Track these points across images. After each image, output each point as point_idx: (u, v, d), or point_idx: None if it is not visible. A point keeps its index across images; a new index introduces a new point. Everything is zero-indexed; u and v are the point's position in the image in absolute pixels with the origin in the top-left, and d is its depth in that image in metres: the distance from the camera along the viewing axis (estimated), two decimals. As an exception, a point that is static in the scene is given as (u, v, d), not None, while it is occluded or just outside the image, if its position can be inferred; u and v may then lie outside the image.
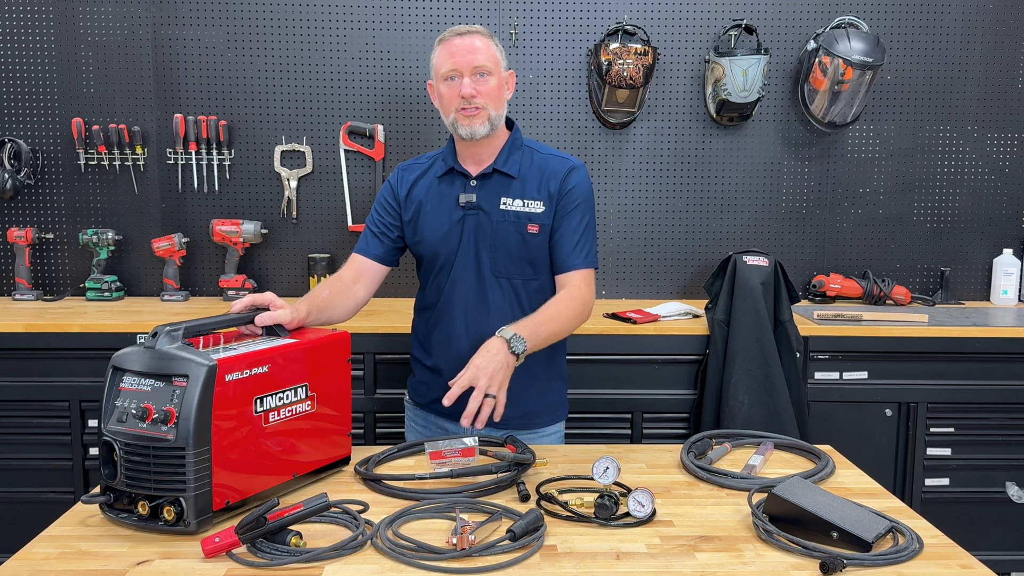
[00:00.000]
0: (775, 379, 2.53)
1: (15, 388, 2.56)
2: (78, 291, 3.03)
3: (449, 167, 1.88)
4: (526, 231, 1.84)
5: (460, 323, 1.87)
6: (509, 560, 1.18)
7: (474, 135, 1.80)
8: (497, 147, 1.87)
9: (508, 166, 1.86)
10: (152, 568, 1.17)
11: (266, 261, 3.08)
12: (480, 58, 1.79)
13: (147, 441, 1.24)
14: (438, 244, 1.87)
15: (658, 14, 3.01)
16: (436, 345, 1.91)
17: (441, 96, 1.84)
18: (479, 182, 1.86)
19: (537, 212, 1.85)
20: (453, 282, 1.87)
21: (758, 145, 3.08)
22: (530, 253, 1.85)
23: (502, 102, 1.84)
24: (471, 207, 1.85)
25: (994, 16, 3.05)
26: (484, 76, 1.80)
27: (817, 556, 1.19)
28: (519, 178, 1.86)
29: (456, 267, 1.86)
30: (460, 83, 1.79)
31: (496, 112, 1.82)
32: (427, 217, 1.88)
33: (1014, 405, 2.67)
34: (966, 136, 3.11)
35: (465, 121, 1.80)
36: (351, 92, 3.02)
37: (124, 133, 2.95)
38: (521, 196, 1.85)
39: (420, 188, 1.91)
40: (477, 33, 1.82)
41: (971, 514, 2.70)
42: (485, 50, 1.81)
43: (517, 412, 1.80)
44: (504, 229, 1.84)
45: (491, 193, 1.85)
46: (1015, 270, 3.08)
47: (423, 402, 1.96)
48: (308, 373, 1.46)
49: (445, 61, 1.81)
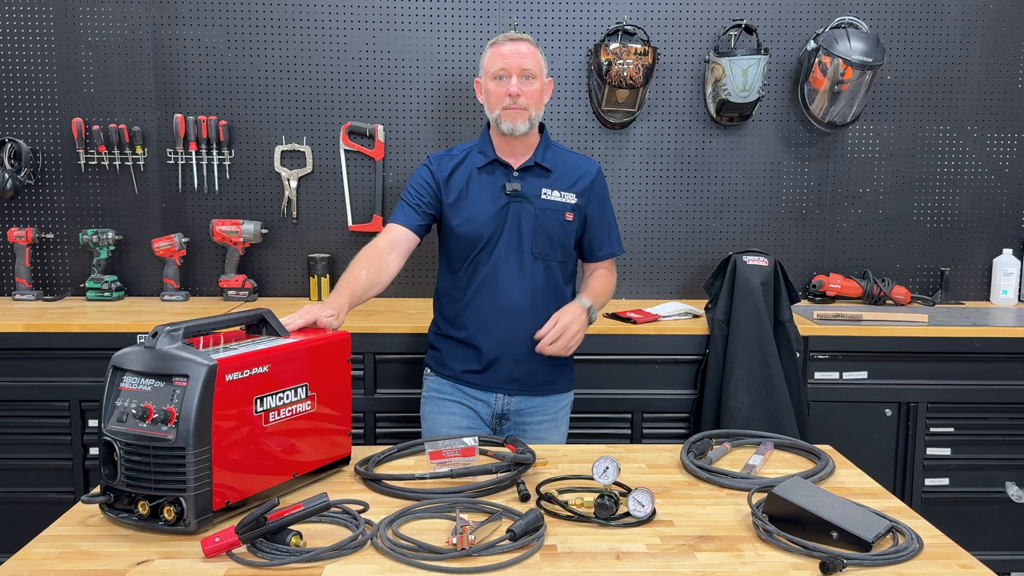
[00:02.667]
0: (775, 379, 2.53)
1: (15, 388, 2.56)
2: (78, 291, 3.03)
3: (491, 159, 2.07)
4: (563, 218, 2.08)
5: (500, 299, 2.05)
6: (509, 560, 1.18)
7: (515, 131, 2.01)
8: (532, 145, 2.10)
9: (546, 160, 2.09)
10: (152, 568, 1.17)
11: (266, 261, 3.08)
12: (528, 62, 2.02)
13: (147, 441, 1.24)
14: (483, 225, 2.04)
15: (658, 14, 3.01)
16: (472, 320, 2.08)
17: (489, 93, 2.05)
18: (521, 173, 2.07)
19: (571, 203, 2.09)
20: (496, 262, 2.05)
21: (758, 145, 3.08)
22: (565, 238, 2.09)
23: (541, 104, 2.07)
24: (516, 195, 2.05)
25: (994, 16, 3.05)
26: (529, 79, 2.02)
27: (817, 556, 1.19)
28: (555, 172, 2.09)
29: (499, 248, 2.05)
30: (508, 82, 2.00)
31: (536, 112, 2.04)
32: (473, 200, 2.06)
33: (1014, 405, 2.67)
34: (966, 136, 3.11)
35: (509, 118, 2.01)
36: (351, 92, 3.02)
37: (124, 133, 2.95)
38: (558, 188, 2.08)
39: (460, 176, 2.09)
40: (526, 41, 2.05)
41: (971, 514, 2.70)
42: (532, 56, 2.03)
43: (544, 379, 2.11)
44: (546, 216, 2.06)
45: (533, 184, 2.07)
46: (1015, 270, 3.08)
47: (453, 374, 2.11)
48: (308, 373, 1.46)
49: (496, 61, 2.02)
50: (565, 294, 2.13)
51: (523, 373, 2.08)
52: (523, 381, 2.09)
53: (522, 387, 2.09)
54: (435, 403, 2.14)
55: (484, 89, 2.08)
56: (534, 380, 2.10)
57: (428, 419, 2.15)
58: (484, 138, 2.12)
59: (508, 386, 2.09)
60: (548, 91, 2.12)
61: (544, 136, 2.12)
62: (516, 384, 2.09)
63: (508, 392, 2.09)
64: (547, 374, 2.11)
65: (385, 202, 3.03)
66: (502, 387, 2.09)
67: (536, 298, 2.06)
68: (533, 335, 2.03)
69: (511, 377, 2.08)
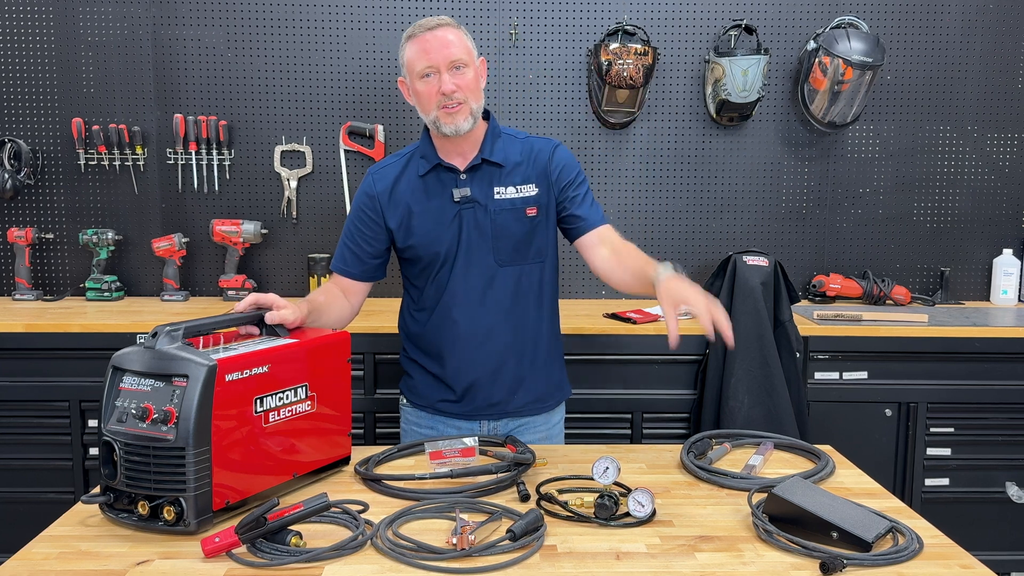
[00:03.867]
0: (775, 379, 2.53)
1: (15, 388, 2.56)
2: (78, 291, 3.03)
3: (434, 164, 1.83)
4: (525, 215, 1.83)
5: (466, 319, 1.84)
6: (509, 560, 1.18)
7: (459, 131, 1.76)
8: (479, 139, 1.84)
9: (495, 155, 1.83)
10: (152, 568, 1.17)
11: (266, 261, 3.08)
12: (455, 51, 1.75)
13: (147, 441, 1.24)
14: (435, 243, 1.82)
15: (658, 14, 3.01)
16: (441, 345, 1.87)
17: (418, 94, 1.79)
18: (469, 175, 1.82)
19: (531, 195, 1.84)
20: (456, 278, 1.83)
21: (758, 145, 3.08)
22: (532, 237, 1.84)
23: (480, 93, 1.80)
24: (466, 201, 1.81)
25: (994, 16, 3.05)
26: (461, 69, 1.75)
27: (817, 556, 1.19)
28: (507, 164, 1.84)
29: (458, 263, 1.83)
30: (439, 79, 1.74)
31: (476, 104, 1.78)
32: (419, 218, 1.83)
33: (1014, 405, 2.67)
34: (966, 136, 3.11)
35: (448, 119, 1.75)
36: (351, 92, 3.02)
37: (124, 133, 2.95)
38: (513, 183, 1.83)
39: (403, 190, 1.85)
40: (447, 25, 1.78)
41: (971, 514, 2.70)
42: (458, 42, 1.76)
43: (530, 397, 1.90)
44: (504, 218, 1.82)
45: (482, 184, 1.82)
46: (1015, 270, 3.08)
47: (429, 403, 1.93)
48: (308, 373, 1.46)
49: (420, 59, 1.76)
50: (544, 298, 1.90)
51: (504, 395, 1.87)
52: (505, 404, 1.88)
53: (504, 410, 1.88)
54: (415, 437, 1.94)
55: (412, 90, 1.81)
56: (517, 402, 1.88)
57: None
58: (425, 140, 1.86)
59: (490, 411, 1.88)
60: (483, 74, 1.84)
61: (491, 125, 1.86)
62: (498, 408, 1.88)
63: (492, 417, 1.89)
64: (531, 393, 1.90)
65: (385, 202, 3.03)
66: (484, 413, 1.88)
67: (509, 311, 1.84)
68: (511, 352, 1.85)
69: (491, 402, 1.87)
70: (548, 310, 1.92)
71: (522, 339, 1.87)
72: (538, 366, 1.90)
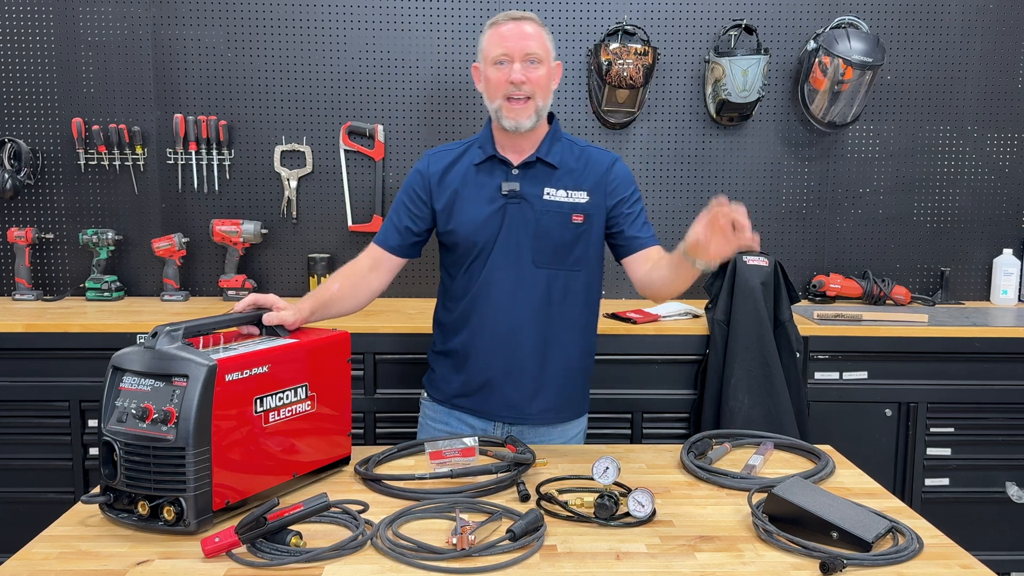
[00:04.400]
0: (775, 379, 2.53)
1: (15, 388, 2.56)
2: (78, 291, 3.03)
3: (489, 155, 1.84)
4: (570, 221, 1.82)
5: (494, 314, 1.83)
6: (509, 560, 1.18)
7: (519, 128, 1.78)
8: (539, 138, 1.85)
9: (551, 156, 1.84)
10: (152, 568, 1.17)
11: (266, 261, 3.08)
12: (532, 44, 1.76)
13: (147, 441, 1.24)
14: (475, 232, 1.82)
15: (658, 14, 3.01)
16: (464, 336, 1.87)
17: (488, 80, 1.80)
18: (521, 171, 1.83)
19: (581, 202, 1.83)
20: (490, 271, 1.82)
21: (758, 145, 3.08)
22: (574, 244, 1.83)
23: (549, 92, 1.82)
24: (513, 196, 1.81)
25: (994, 16, 3.05)
26: (534, 63, 1.77)
27: (817, 556, 1.19)
28: (562, 168, 1.84)
29: (494, 256, 1.82)
30: (510, 68, 1.76)
31: (543, 102, 1.79)
32: (464, 204, 1.83)
33: (1014, 405, 2.67)
34: (966, 136, 3.11)
35: (511, 113, 1.77)
36: (351, 92, 3.01)
37: (124, 133, 2.95)
38: (564, 187, 1.83)
39: (454, 175, 1.86)
40: (530, 20, 1.80)
41: (971, 514, 2.70)
42: (537, 37, 1.78)
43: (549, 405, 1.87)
44: (548, 219, 1.81)
45: (534, 182, 1.82)
46: (1015, 270, 3.08)
47: (445, 398, 1.92)
48: (308, 373, 1.46)
49: (496, 45, 1.78)
50: (577, 308, 1.87)
51: (521, 398, 1.85)
52: (521, 408, 1.85)
53: (520, 415, 1.86)
54: (430, 432, 1.96)
55: (483, 76, 1.83)
56: (534, 408, 1.86)
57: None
58: (485, 132, 1.88)
59: (505, 413, 1.86)
60: (556, 76, 1.86)
61: (553, 127, 1.87)
62: (514, 411, 1.86)
63: (506, 421, 1.87)
64: (550, 401, 1.87)
65: (385, 202, 3.03)
66: (498, 414, 1.87)
67: (538, 315, 1.82)
68: (533, 355, 1.83)
69: (507, 402, 1.85)
70: (580, 322, 1.89)
71: (547, 344, 1.85)
72: (561, 375, 1.88)
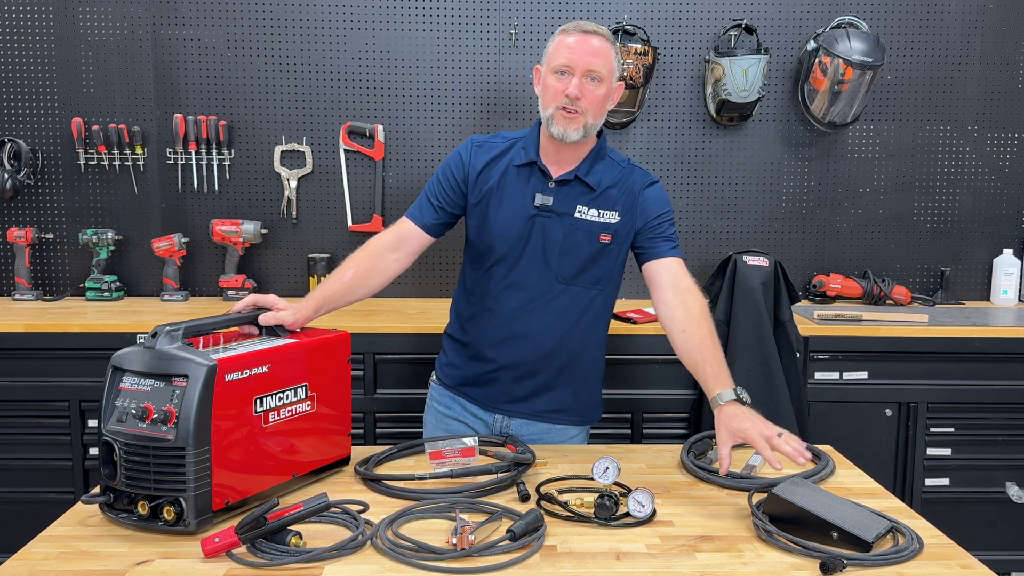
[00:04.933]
0: (775, 379, 2.53)
1: (15, 388, 2.56)
2: (78, 291, 3.03)
3: (531, 159, 1.83)
4: (598, 240, 1.82)
5: (511, 320, 1.84)
6: (509, 560, 1.18)
7: (565, 138, 1.76)
8: (583, 154, 1.83)
9: (590, 176, 1.82)
10: (152, 568, 1.17)
11: (266, 261, 3.08)
12: (597, 62, 1.74)
13: (147, 441, 1.24)
14: (503, 239, 1.82)
15: (658, 14, 3.01)
16: (480, 332, 1.88)
17: (546, 87, 1.78)
18: (558, 186, 1.81)
19: (612, 222, 1.82)
20: (513, 279, 1.83)
21: (758, 145, 3.08)
22: (599, 263, 1.84)
23: (603, 112, 1.81)
24: (545, 210, 1.80)
25: (994, 16, 3.05)
26: (595, 81, 1.75)
27: (817, 556, 1.19)
28: (598, 189, 1.82)
29: (521, 265, 1.83)
30: (569, 81, 1.74)
31: (594, 121, 1.78)
32: (497, 209, 1.83)
33: (1014, 405, 2.67)
34: (966, 136, 3.11)
35: (561, 122, 1.75)
36: (351, 92, 3.01)
37: (124, 133, 2.95)
38: (598, 206, 1.82)
39: (494, 172, 1.85)
40: (601, 36, 1.77)
41: (971, 514, 2.70)
42: (604, 55, 1.76)
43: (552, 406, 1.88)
44: (576, 237, 1.81)
45: (567, 199, 1.81)
46: (1015, 270, 3.08)
47: (453, 383, 1.94)
48: (308, 373, 1.46)
49: (561, 53, 1.75)
50: (594, 325, 1.90)
51: (525, 392, 1.87)
52: (526, 402, 1.88)
53: (524, 410, 1.89)
54: (435, 415, 1.98)
55: (542, 81, 1.80)
56: (538, 404, 1.88)
57: (428, 430, 2.01)
58: (533, 133, 1.86)
59: (508, 406, 1.89)
60: (616, 97, 1.84)
61: (599, 143, 1.85)
62: (517, 405, 1.88)
63: (508, 414, 1.89)
64: (555, 401, 1.89)
65: (385, 202, 3.03)
66: (501, 406, 1.89)
67: (556, 327, 1.84)
68: (544, 363, 1.85)
69: (512, 396, 1.88)
70: (595, 336, 1.92)
71: (562, 354, 1.86)
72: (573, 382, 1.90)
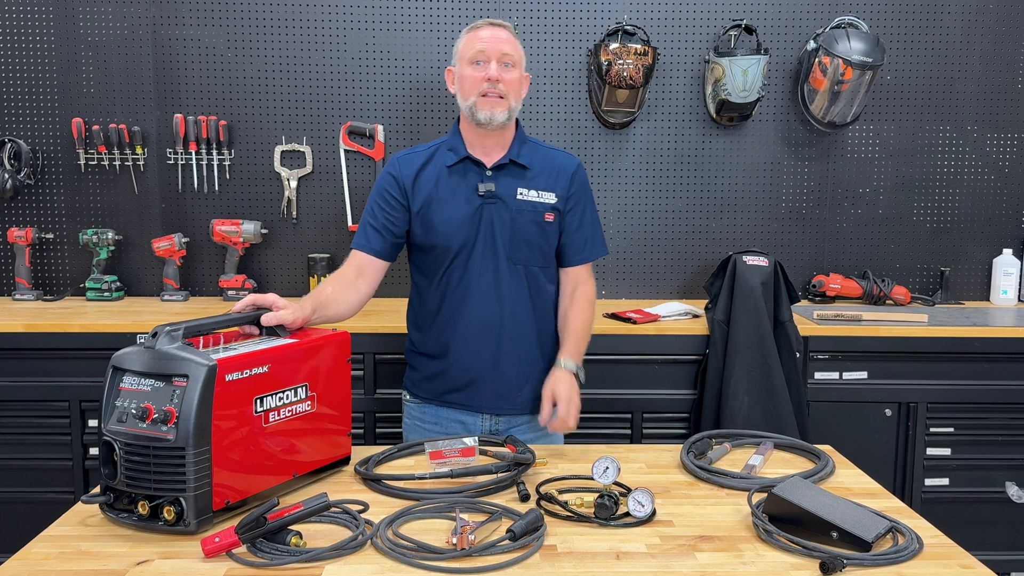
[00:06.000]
0: (775, 379, 2.53)
1: (15, 388, 2.56)
2: (78, 291, 3.03)
3: (462, 156, 1.90)
4: (543, 220, 1.92)
5: (478, 310, 1.90)
6: (509, 560, 1.18)
7: (492, 120, 1.84)
8: (508, 140, 1.93)
9: (521, 157, 1.92)
10: (152, 568, 1.17)
11: (266, 261, 3.08)
12: (508, 48, 1.88)
13: (147, 441, 1.24)
14: (455, 233, 1.88)
15: (658, 14, 3.01)
16: (450, 336, 1.93)
17: (463, 79, 1.88)
18: (495, 172, 1.90)
19: (551, 202, 1.93)
20: (471, 270, 1.89)
21: (758, 145, 3.08)
22: (545, 241, 1.93)
23: (520, 96, 1.92)
24: (490, 196, 1.89)
25: (994, 16, 3.05)
26: (509, 66, 1.87)
27: (817, 556, 1.19)
28: (532, 169, 1.93)
29: (474, 255, 1.89)
30: (487, 67, 1.85)
31: (515, 103, 1.89)
32: (441, 206, 1.89)
33: (1014, 405, 2.67)
34: (966, 136, 3.11)
35: (486, 106, 1.84)
36: (351, 92, 3.02)
37: (124, 133, 2.95)
38: (536, 187, 1.92)
39: (427, 178, 1.91)
40: (507, 28, 1.92)
41: (971, 514, 2.70)
42: (512, 43, 1.90)
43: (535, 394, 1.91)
44: (523, 218, 1.90)
45: (508, 183, 1.90)
46: (1015, 270, 3.08)
47: (433, 396, 1.97)
48: (308, 373, 1.46)
49: (474, 45, 1.87)
50: (548, 302, 1.97)
51: (509, 388, 1.93)
52: (510, 398, 1.93)
53: (510, 405, 1.94)
54: (420, 432, 1.99)
55: (458, 76, 1.91)
56: (523, 397, 1.94)
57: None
58: (454, 133, 1.94)
59: (495, 404, 1.93)
60: (525, 86, 1.97)
61: (519, 131, 1.96)
62: (503, 402, 1.93)
63: (495, 412, 1.94)
64: (536, 388, 1.92)
65: (385, 202, 3.03)
66: (488, 406, 1.93)
67: (517, 308, 1.91)
68: (517, 346, 1.92)
69: (496, 393, 1.92)
70: (553, 312, 2.00)
71: (529, 335, 1.94)
72: (544, 363, 1.96)
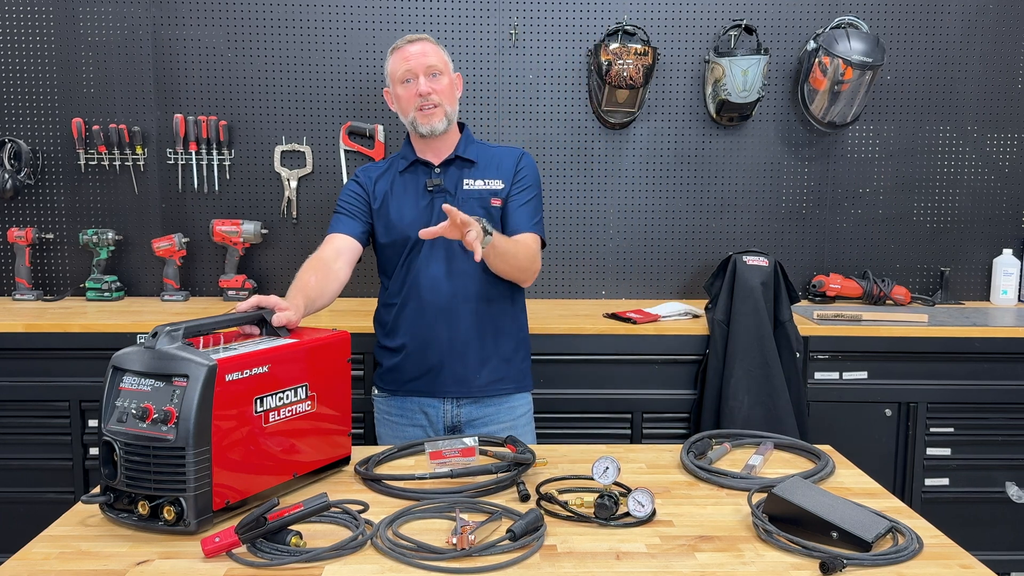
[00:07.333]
0: (775, 379, 2.53)
1: (15, 388, 2.56)
2: (78, 291, 3.03)
3: (412, 160, 2.06)
4: (490, 205, 2.04)
5: (432, 297, 2.01)
6: (509, 560, 1.18)
7: (433, 131, 2.01)
8: (454, 142, 2.08)
9: (468, 153, 2.07)
10: (152, 568, 1.17)
11: (266, 261, 3.08)
12: (431, 59, 2.01)
13: (147, 441, 1.24)
14: (408, 226, 2.00)
15: (658, 14, 3.01)
16: (407, 323, 2.04)
17: (399, 99, 2.05)
18: (443, 168, 2.05)
19: (498, 188, 2.05)
20: (425, 260, 2.01)
21: (758, 145, 3.08)
22: (495, 226, 2.00)
23: (455, 100, 2.06)
24: (438, 190, 2.03)
25: (994, 16, 3.05)
26: (436, 76, 2.01)
27: (817, 556, 1.19)
28: (478, 163, 2.06)
29: (426, 246, 2.00)
30: (416, 84, 2.00)
31: (451, 108, 2.03)
32: (395, 202, 2.05)
33: (1014, 405, 2.67)
34: (966, 136, 3.11)
35: (424, 119, 2.00)
36: (351, 92, 3.02)
37: (124, 133, 2.95)
38: (481, 177, 2.05)
39: (383, 183, 2.08)
40: (426, 40, 2.05)
41: (971, 514, 2.70)
42: (435, 53, 2.03)
43: (495, 376, 2.04)
44: (470, 205, 2.01)
45: (454, 176, 2.05)
46: (1015, 270, 3.08)
47: (396, 386, 2.07)
48: (308, 373, 1.46)
49: (400, 65, 2.02)
50: (501, 286, 2.04)
51: (468, 372, 2.02)
52: (469, 382, 2.02)
53: (469, 389, 2.03)
54: (388, 426, 2.10)
55: (394, 96, 2.07)
56: (483, 379, 2.03)
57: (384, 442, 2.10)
58: (406, 144, 2.11)
59: (454, 388, 2.02)
60: (459, 86, 2.11)
61: (465, 133, 2.11)
62: (463, 386, 2.02)
63: (455, 396, 2.03)
64: (496, 372, 2.04)
65: (385, 202, 3.03)
66: (447, 390, 2.02)
67: (471, 292, 2.00)
68: (475, 330, 2.01)
69: (456, 378, 2.02)
70: (511, 299, 2.09)
71: (486, 320, 2.03)
72: (502, 348, 2.06)
